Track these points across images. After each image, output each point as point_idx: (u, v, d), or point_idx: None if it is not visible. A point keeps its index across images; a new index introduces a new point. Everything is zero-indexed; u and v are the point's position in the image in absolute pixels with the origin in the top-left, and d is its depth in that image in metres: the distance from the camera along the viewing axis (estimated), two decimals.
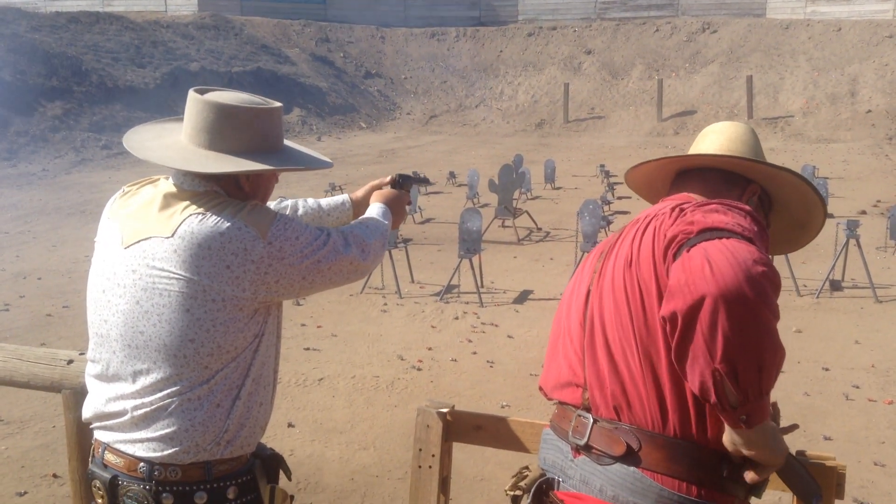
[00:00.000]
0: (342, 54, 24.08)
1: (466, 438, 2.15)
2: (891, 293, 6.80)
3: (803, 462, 1.65)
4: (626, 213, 10.15)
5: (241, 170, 1.70)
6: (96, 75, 17.49)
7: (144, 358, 1.66)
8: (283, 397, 4.65)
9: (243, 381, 1.71)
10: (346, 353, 5.52)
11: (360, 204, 2.21)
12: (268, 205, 1.95)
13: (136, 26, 20.51)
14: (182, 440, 1.65)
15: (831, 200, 9.88)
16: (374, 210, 2.04)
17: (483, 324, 6.15)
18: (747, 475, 1.46)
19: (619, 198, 10.83)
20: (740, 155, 1.72)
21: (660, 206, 1.67)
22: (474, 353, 5.51)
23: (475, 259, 6.91)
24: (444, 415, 2.11)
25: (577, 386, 1.60)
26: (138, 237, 1.69)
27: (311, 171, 1.94)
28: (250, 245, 1.64)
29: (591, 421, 1.54)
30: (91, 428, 1.79)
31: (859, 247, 6.82)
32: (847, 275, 7.14)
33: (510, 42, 24.27)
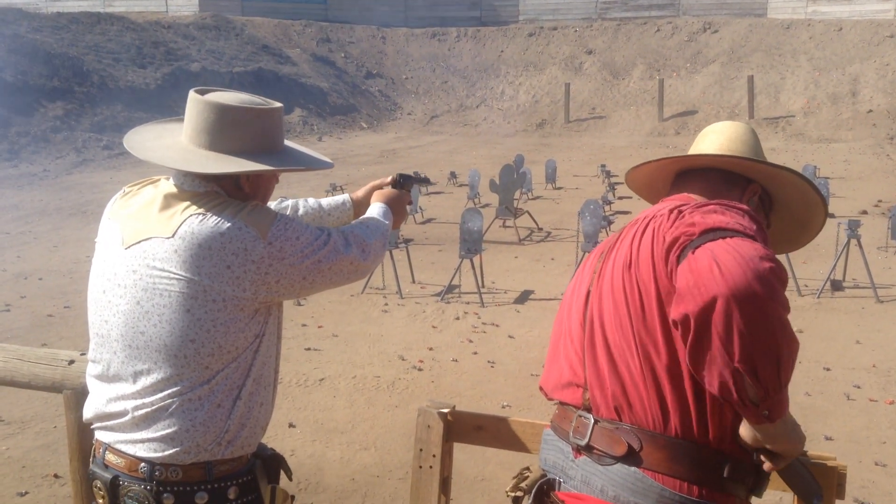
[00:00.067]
0: (343, 54, 24.08)
1: (467, 439, 2.15)
2: (892, 293, 6.80)
3: (804, 462, 1.65)
4: (626, 213, 10.15)
5: (242, 170, 1.70)
6: (97, 76, 17.50)
7: (145, 358, 1.67)
8: (284, 397, 4.66)
9: (244, 382, 1.71)
10: (346, 353, 5.52)
11: (361, 204, 2.21)
12: (268, 205, 1.95)
13: (137, 27, 20.52)
14: (183, 440, 1.65)
15: (832, 200, 9.88)
16: (375, 210, 2.04)
17: (484, 324, 6.15)
18: (765, 465, 1.47)
19: (620, 198, 10.83)
20: (740, 155, 1.72)
21: (659, 206, 1.67)
22: (475, 353, 5.51)
23: (476, 259, 6.90)
24: (445, 415, 2.11)
25: (578, 386, 1.60)
26: (139, 237, 1.69)
27: (311, 171, 1.94)
28: (251, 245, 1.64)
29: (592, 421, 1.54)
30: (92, 428, 1.80)
31: (860, 247, 6.81)
32: (848, 275, 7.14)
33: (511, 42, 24.26)
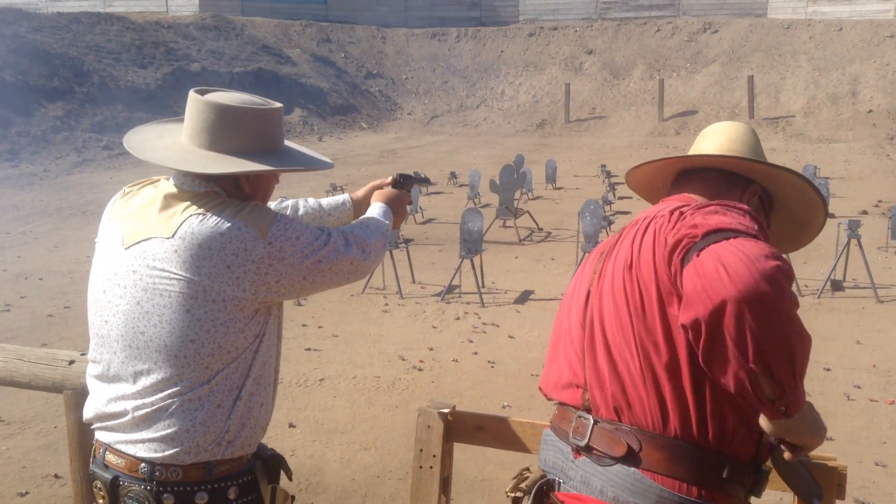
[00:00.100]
0: (343, 55, 24.08)
1: (467, 439, 2.15)
2: (892, 293, 6.80)
3: (804, 462, 1.65)
4: (627, 213, 10.15)
5: (242, 170, 1.70)
6: (97, 76, 17.50)
7: (145, 358, 1.67)
8: (284, 398, 4.66)
9: (244, 382, 1.71)
10: (347, 353, 5.52)
11: (361, 204, 2.21)
12: (268, 205, 1.95)
13: (138, 27, 20.52)
14: (183, 441, 1.65)
15: (832, 200, 9.88)
16: (375, 210, 2.04)
17: (484, 324, 6.15)
18: (785, 454, 1.49)
19: (621, 198, 10.83)
20: (741, 155, 1.72)
21: (659, 207, 1.67)
22: (475, 353, 5.51)
23: (476, 259, 6.90)
24: (445, 415, 2.11)
25: (578, 387, 1.60)
26: (139, 238, 1.69)
27: (311, 171, 1.94)
28: (251, 245, 1.64)
29: (592, 422, 1.54)
30: (92, 428, 1.79)
31: (860, 247, 6.81)
32: (848, 275, 7.14)
33: (511, 42, 24.26)
